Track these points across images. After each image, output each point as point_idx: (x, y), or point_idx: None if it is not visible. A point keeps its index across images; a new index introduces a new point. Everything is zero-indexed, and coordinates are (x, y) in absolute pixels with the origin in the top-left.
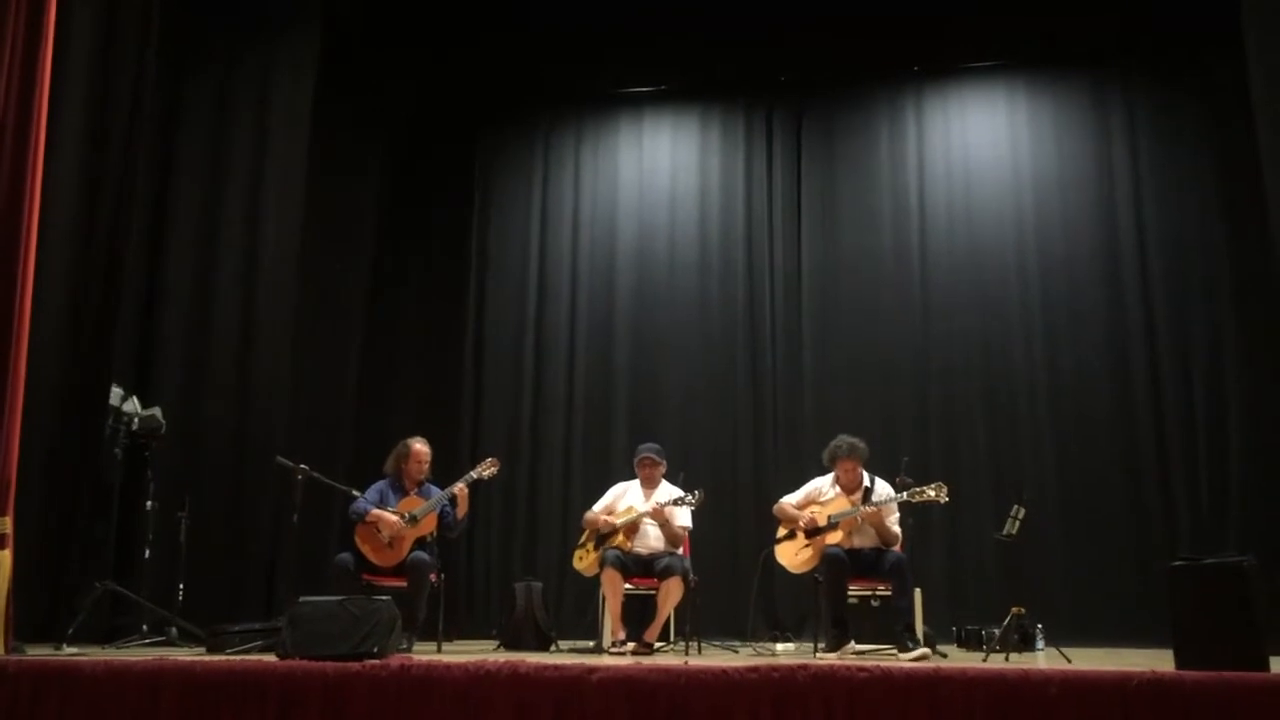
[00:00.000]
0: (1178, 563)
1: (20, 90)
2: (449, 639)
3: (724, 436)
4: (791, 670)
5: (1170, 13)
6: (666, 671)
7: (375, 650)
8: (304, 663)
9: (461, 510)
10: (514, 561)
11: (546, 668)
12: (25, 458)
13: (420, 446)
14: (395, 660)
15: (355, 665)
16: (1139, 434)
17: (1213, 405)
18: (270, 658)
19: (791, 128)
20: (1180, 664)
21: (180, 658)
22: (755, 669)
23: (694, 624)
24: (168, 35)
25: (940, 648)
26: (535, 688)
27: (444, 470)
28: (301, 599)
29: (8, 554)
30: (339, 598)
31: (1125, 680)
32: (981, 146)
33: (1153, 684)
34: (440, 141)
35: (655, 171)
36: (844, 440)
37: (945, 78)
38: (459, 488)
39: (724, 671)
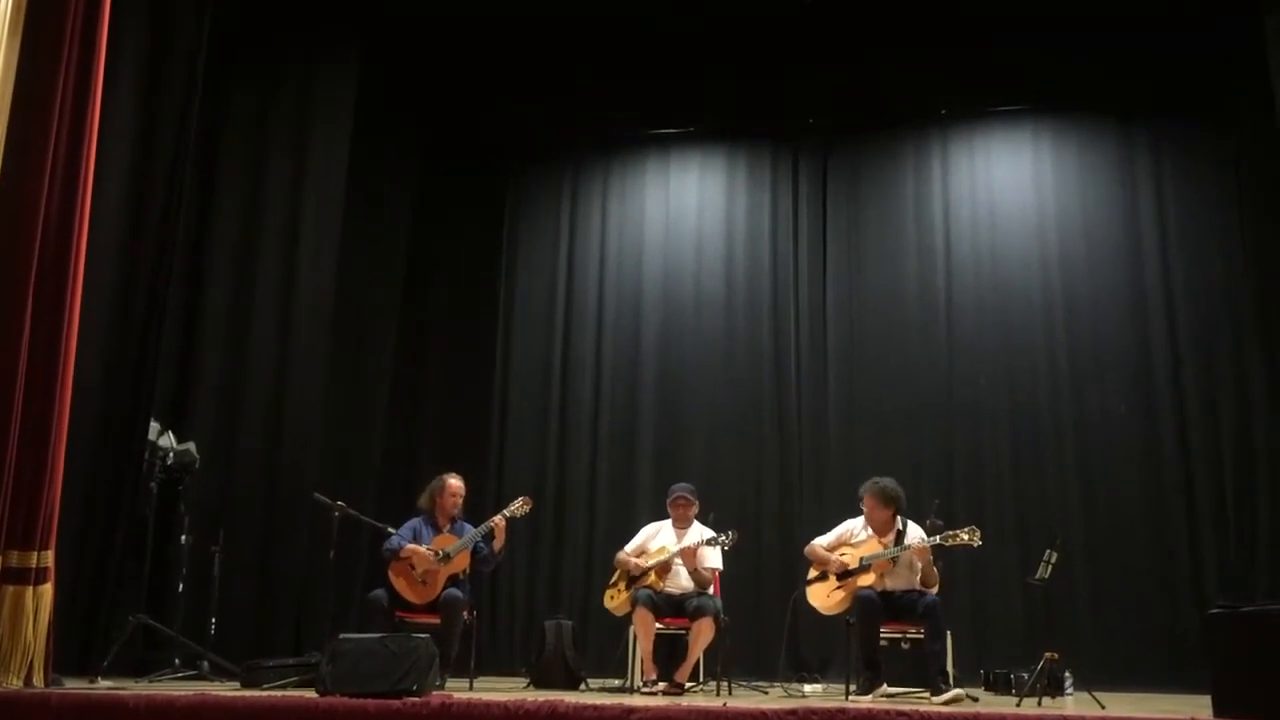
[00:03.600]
0: (1216, 610)
1: (70, 134)
2: (475, 676)
3: (749, 475)
4: (831, 714)
5: (1196, 58)
6: (705, 713)
7: (414, 688)
8: (345, 699)
9: (499, 543)
10: (539, 599)
11: (585, 707)
12: (64, 492)
13: (454, 481)
14: (435, 698)
15: (396, 702)
16: (1165, 476)
17: (1240, 448)
18: (309, 694)
19: (818, 169)
20: (1218, 711)
21: (222, 693)
22: (794, 711)
23: (725, 664)
24: (208, 71)
25: (969, 691)
26: None
27: (470, 507)
28: (341, 636)
29: (49, 588)
30: (379, 635)
31: None
32: (1007, 189)
33: None
34: (469, 180)
35: (682, 211)
36: (875, 481)
37: (971, 120)
38: (497, 520)
39: (763, 713)
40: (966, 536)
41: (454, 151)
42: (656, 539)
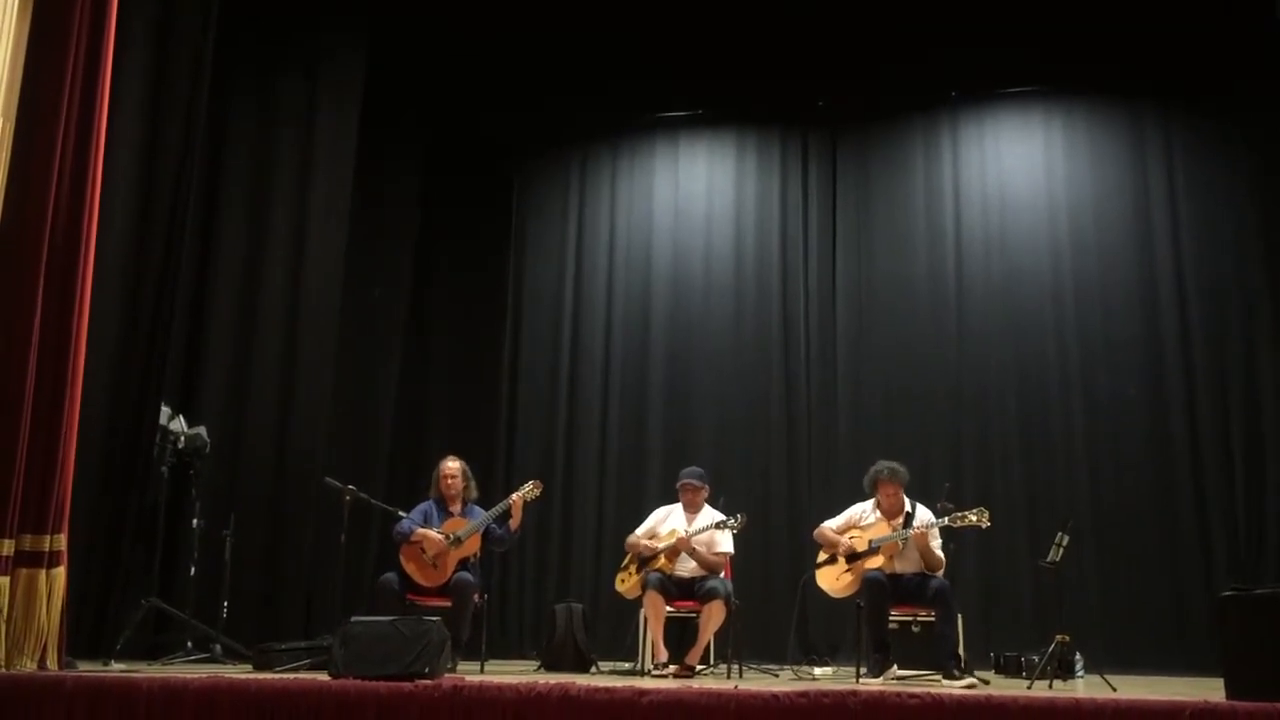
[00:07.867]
0: (1228, 592)
1: (80, 120)
2: (486, 659)
3: (758, 459)
4: (842, 696)
5: (1207, 41)
6: (717, 696)
7: (426, 671)
8: (357, 682)
9: (515, 522)
10: (549, 582)
11: (597, 690)
12: (76, 476)
13: (450, 464)
14: (447, 681)
15: (408, 685)
16: (1175, 461)
17: (1249, 433)
18: (321, 676)
19: (827, 152)
20: (1231, 694)
21: (234, 676)
22: (805, 694)
23: (735, 647)
24: (216, 65)
25: (979, 674)
26: (587, 710)
27: (480, 492)
28: (353, 618)
29: (61, 571)
30: (390, 618)
31: (1178, 710)
32: (1017, 172)
33: (1206, 714)
34: (477, 166)
35: (691, 196)
36: (884, 464)
37: (981, 103)
38: (514, 499)
39: (774, 696)
40: (975, 518)
41: (461, 138)
42: (667, 522)
